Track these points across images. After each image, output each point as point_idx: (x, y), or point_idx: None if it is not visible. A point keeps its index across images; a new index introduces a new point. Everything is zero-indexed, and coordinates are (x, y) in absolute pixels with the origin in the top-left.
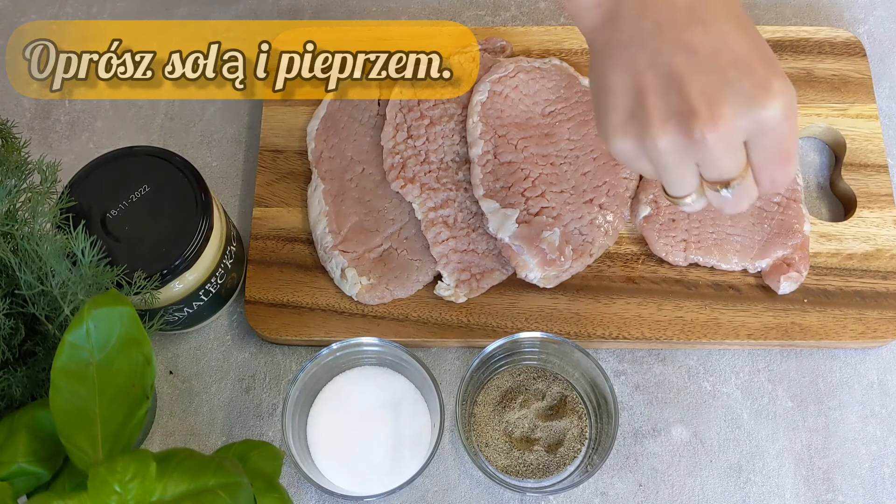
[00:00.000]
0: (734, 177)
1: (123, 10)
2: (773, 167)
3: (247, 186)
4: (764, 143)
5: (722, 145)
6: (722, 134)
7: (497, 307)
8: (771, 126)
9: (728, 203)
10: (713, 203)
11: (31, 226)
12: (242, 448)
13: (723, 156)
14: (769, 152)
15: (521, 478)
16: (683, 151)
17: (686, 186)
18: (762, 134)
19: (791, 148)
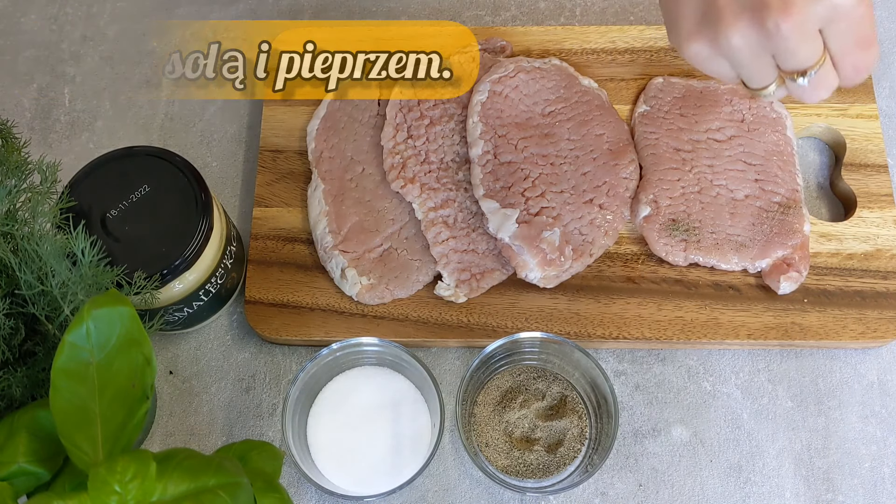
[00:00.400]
0: (811, 65)
1: (123, 10)
2: (853, 53)
3: (247, 186)
4: (840, 28)
5: (797, 34)
6: (796, 22)
7: (497, 307)
8: (845, 10)
9: (807, 92)
10: (792, 93)
11: (31, 226)
12: (242, 448)
13: (798, 45)
14: (846, 38)
15: (521, 478)
16: (758, 45)
17: (765, 78)
18: (837, 20)
19: (869, 32)
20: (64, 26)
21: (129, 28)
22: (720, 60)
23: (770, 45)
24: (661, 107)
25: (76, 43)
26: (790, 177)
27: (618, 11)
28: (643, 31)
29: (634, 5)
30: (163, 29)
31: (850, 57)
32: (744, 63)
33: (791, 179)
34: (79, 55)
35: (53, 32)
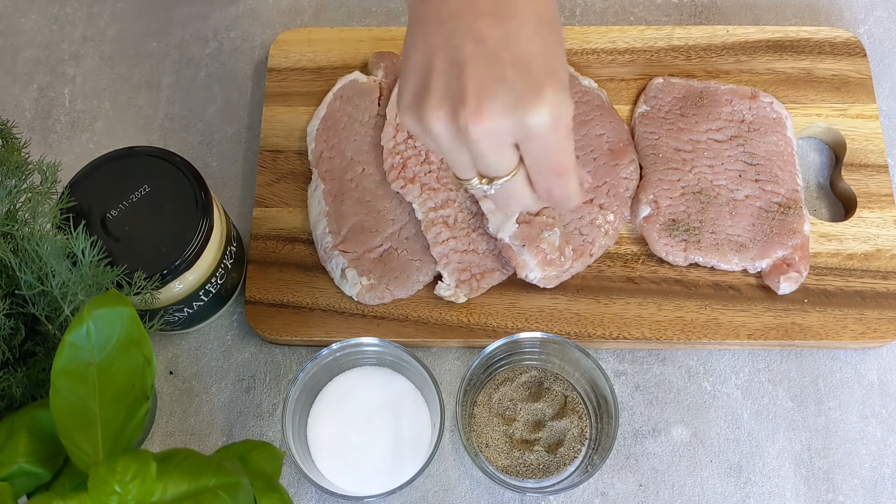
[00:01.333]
0: (499, 175)
1: (123, 10)
2: (545, 177)
3: (247, 186)
4: (532, 149)
5: (486, 139)
6: (485, 128)
7: (497, 307)
8: (537, 133)
9: (496, 199)
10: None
11: (31, 226)
12: (242, 448)
13: (487, 150)
14: (539, 161)
15: (522, 478)
16: (454, 137)
17: (462, 172)
18: (529, 140)
19: (563, 161)
20: (64, 26)
21: (130, 28)
22: (427, 140)
23: (463, 142)
24: (661, 107)
25: (76, 43)
26: (790, 177)
27: (618, 11)
28: (643, 31)
29: (634, 5)
30: (163, 29)
31: (544, 180)
32: (444, 150)
33: (791, 180)
34: (79, 55)
35: (54, 32)
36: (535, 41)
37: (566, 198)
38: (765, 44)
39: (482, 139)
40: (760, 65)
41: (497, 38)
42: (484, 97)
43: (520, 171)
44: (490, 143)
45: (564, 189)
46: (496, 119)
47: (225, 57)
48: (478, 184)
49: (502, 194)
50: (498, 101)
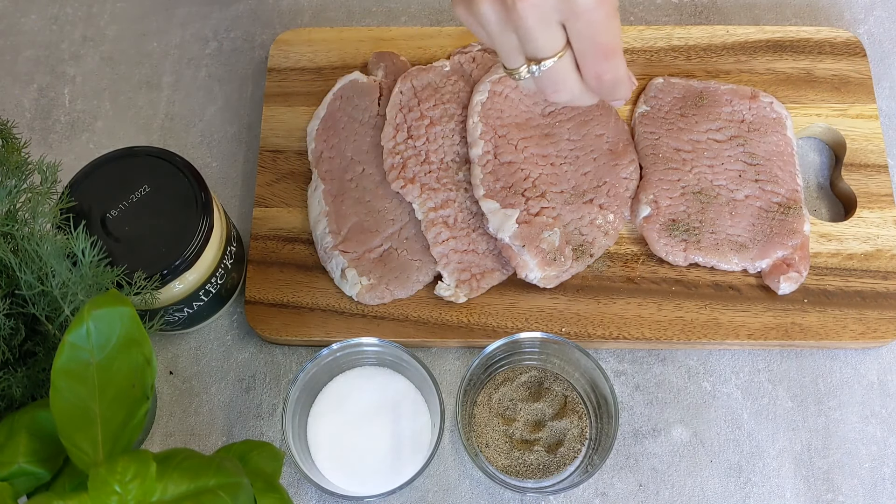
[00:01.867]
0: (546, 55)
1: (123, 10)
2: (592, 60)
3: (247, 186)
4: (579, 28)
5: (533, 17)
6: (532, 3)
7: (497, 307)
8: (583, 8)
9: (544, 85)
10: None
11: (31, 226)
12: (242, 448)
13: (534, 29)
14: (585, 41)
15: (522, 478)
16: (503, 19)
17: (511, 58)
18: (575, 17)
19: (609, 42)
20: (64, 26)
21: (129, 28)
22: (478, 28)
23: (511, 23)
24: (661, 107)
25: (76, 43)
26: (790, 177)
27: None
28: (643, 31)
29: (634, 5)
30: (163, 29)
31: (591, 62)
32: (493, 35)
33: (791, 180)
34: (79, 55)
35: (54, 33)
36: None
37: (615, 83)
38: (765, 44)
39: (529, 15)
40: (760, 65)
41: None
42: None
43: (567, 52)
44: (537, 19)
45: (614, 73)
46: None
47: (225, 57)
48: (525, 70)
49: (551, 78)
50: None
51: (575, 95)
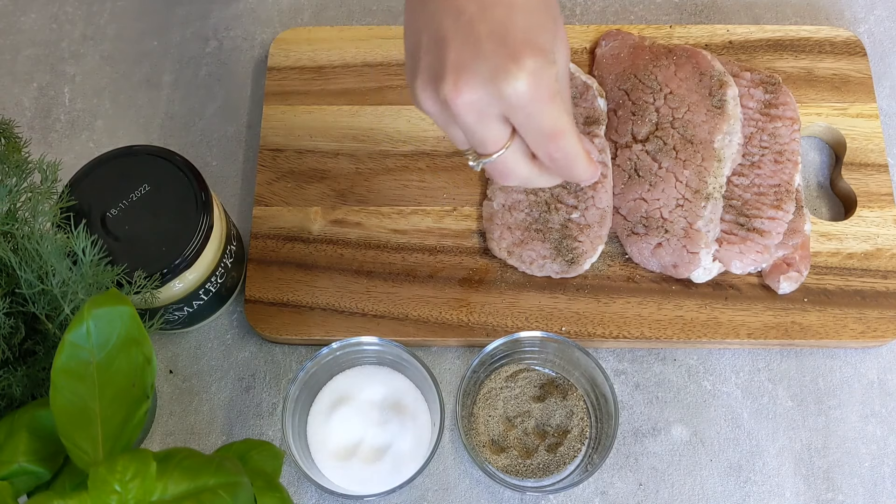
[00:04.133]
0: (490, 151)
1: (123, 9)
2: (541, 143)
3: (247, 186)
4: (519, 118)
5: (468, 113)
6: (464, 102)
7: (497, 306)
8: (518, 103)
9: (493, 174)
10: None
11: (31, 225)
12: (242, 447)
13: (473, 124)
14: (529, 128)
15: (521, 477)
16: (442, 113)
17: (460, 145)
18: (513, 109)
19: (553, 125)
20: (64, 25)
21: (129, 27)
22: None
23: (452, 118)
24: None
25: (76, 42)
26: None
27: (618, 10)
28: (643, 30)
29: (634, 4)
30: (163, 28)
31: (540, 146)
32: (441, 125)
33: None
34: (79, 54)
35: (53, 31)
36: (514, 11)
37: (569, 161)
38: (765, 43)
39: (464, 113)
40: (760, 64)
41: (473, 12)
42: (461, 72)
43: (513, 143)
44: (473, 116)
45: (564, 152)
46: (473, 92)
47: (225, 56)
48: (472, 160)
49: (497, 168)
50: (474, 74)
51: (526, 180)
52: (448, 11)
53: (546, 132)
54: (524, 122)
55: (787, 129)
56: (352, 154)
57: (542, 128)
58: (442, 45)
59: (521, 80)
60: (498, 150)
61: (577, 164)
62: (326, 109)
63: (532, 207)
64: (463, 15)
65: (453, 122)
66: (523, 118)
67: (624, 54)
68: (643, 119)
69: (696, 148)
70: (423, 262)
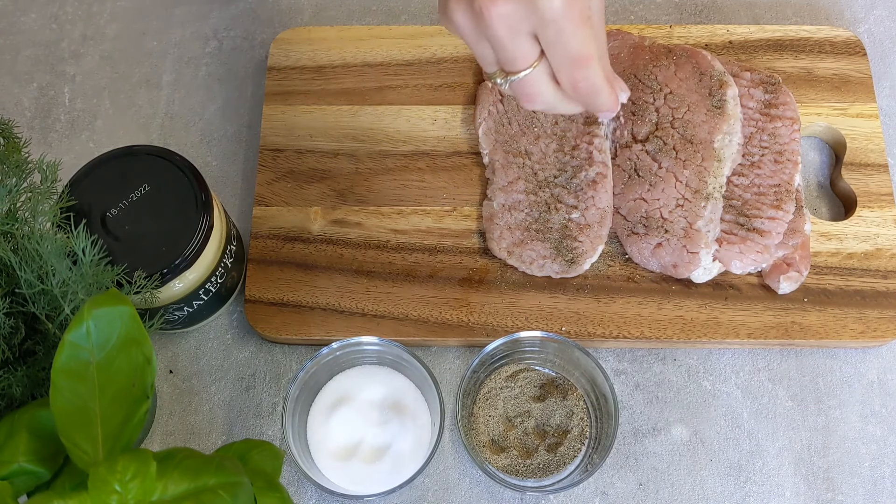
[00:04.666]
0: (518, 68)
1: (123, 9)
2: (566, 68)
3: (247, 186)
4: (549, 36)
5: (501, 26)
6: (499, 13)
7: (497, 306)
8: (550, 17)
9: (516, 93)
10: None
11: (31, 225)
12: (242, 447)
13: (504, 38)
14: (556, 49)
15: (521, 477)
16: (476, 29)
17: (487, 66)
18: (544, 25)
19: (581, 50)
20: (64, 25)
21: (129, 27)
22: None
23: (483, 31)
24: None
25: (76, 42)
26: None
27: (618, 10)
28: (643, 30)
29: (634, 4)
30: (163, 28)
31: (565, 71)
32: (469, 44)
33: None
34: (79, 54)
35: (53, 31)
36: None
37: (592, 92)
38: (765, 43)
39: (497, 25)
40: (760, 64)
41: None
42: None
43: (541, 64)
44: (505, 29)
45: (588, 81)
46: (508, 4)
47: (225, 56)
48: (500, 78)
49: (524, 88)
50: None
51: (550, 105)
52: None
53: (573, 55)
54: (554, 39)
55: (787, 129)
56: (352, 154)
57: (569, 50)
58: None
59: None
60: (526, 67)
61: (599, 94)
62: (326, 109)
63: (532, 207)
64: None
65: (484, 36)
66: (553, 35)
67: (624, 54)
68: (643, 119)
69: (696, 148)
70: (423, 262)
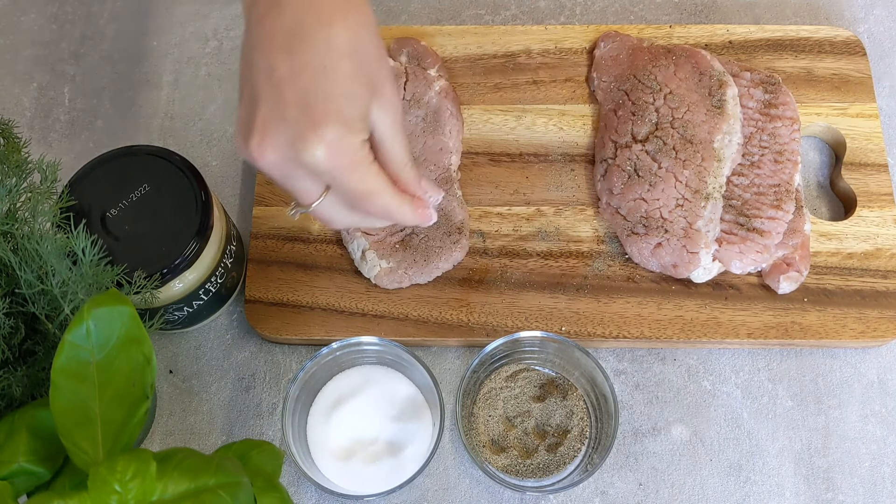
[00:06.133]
0: (303, 202)
1: (123, 9)
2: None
3: (247, 185)
4: (327, 181)
5: (275, 171)
6: (268, 163)
7: (497, 306)
8: (318, 170)
9: (318, 219)
10: None
11: (31, 225)
12: (242, 447)
13: (282, 180)
14: (337, 190)
15: (521, 477)
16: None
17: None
18: (318, 174)
19: (361, 188)
20: (64, 25)
21: (129, 27)
22: None
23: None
24: None
25: (76, 42)
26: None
27: (618, 10)
28: (643, 30)
29: (634, 4)
30: (162, 28)
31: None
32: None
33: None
34: (79, 54)
35: (53, 31)
36: (323, 77)
37: (387, 215)
38: (764, 43)
39: (269, 171)
40: (760, 64)
41: (283, 74)
42: (266, 133)
43: (329, 195)
44: (278, 174)
45: (378, 209)
46: (275, 154)
47: (225, 56)
48: (295, 208)
49: (318, 216)
50: (277, 137)
51: (352, 225)
52: (263, 69)
53: (353, 194)
54: (332, 183)
55: (787, 128)
56: None
57: (348, 190)
58: (255, 103)
59: (318, 149)
60: (311, 202)
61: (398, 216)
62: None
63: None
64: (274, 75)
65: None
66: (330, 181)
67: (623, 56)
68: (643, 119)
69: (695, 148)
70: None
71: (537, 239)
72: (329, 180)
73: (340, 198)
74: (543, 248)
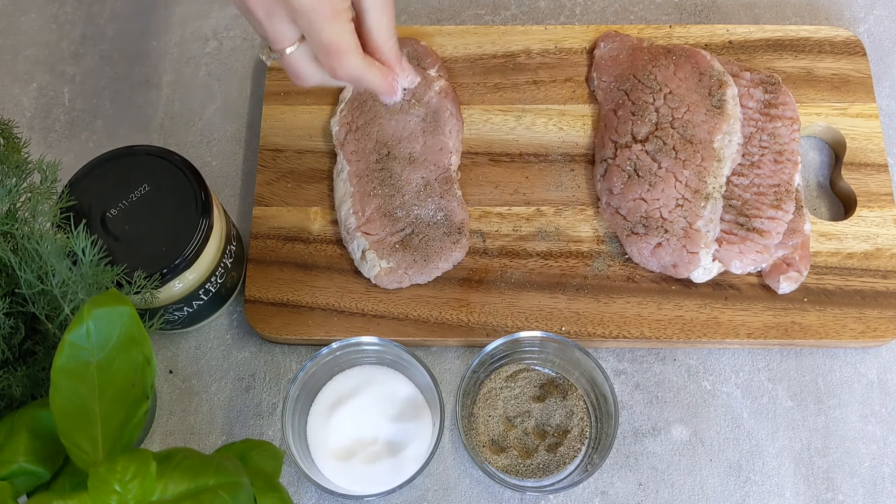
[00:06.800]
0: (277, 47)
1: (123, 9)
2: (321, 56)
3: (247, 186)
4: (302, 26)
5: (259, 10)
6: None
7: (497, 306)
8: (299, 10)
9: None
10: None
11: (31, 225)
12: (242, 447)
13: (262, 21)
14: (310, 38)
15: (521, 477)
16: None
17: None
18: (296, 15)
19: (332, 41)
20: (64, 25)
21: (129, 27)
22: None
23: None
24: None
25: (76, 42)
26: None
27: (618, 10)
28: (643, 30)
29: (634, 4)
30: (162, 28)
31: (322, 58)
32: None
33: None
34: (78, 54)
35: (53, 31)
36: None
37: (352, 79)
38: (764, 43)
39: (254, 7)
40: (760, 64)
41: None
42: None
43: (302, 46)
44: (262, 12)
45: (345, 70)
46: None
47: (224, 56)
48: (264, 55)
49: (288, 66)
50: None
51: (320, 83)
52: None
53: (325, 45)
54: (306, 29)
55: (787, 128)
56: None
57: (321, 40)
58: None
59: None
60: (286, 47)
61: (365, 79)
62: (326, 109)
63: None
64: None
65: (248, 15)
66: (306, 25)
67: (623, 56)
68: (643, 119)
69: (695, 148)
70: None
71: (537, 239)
72: (305, 27)
73: (313, 50)
74: (543, 248)
